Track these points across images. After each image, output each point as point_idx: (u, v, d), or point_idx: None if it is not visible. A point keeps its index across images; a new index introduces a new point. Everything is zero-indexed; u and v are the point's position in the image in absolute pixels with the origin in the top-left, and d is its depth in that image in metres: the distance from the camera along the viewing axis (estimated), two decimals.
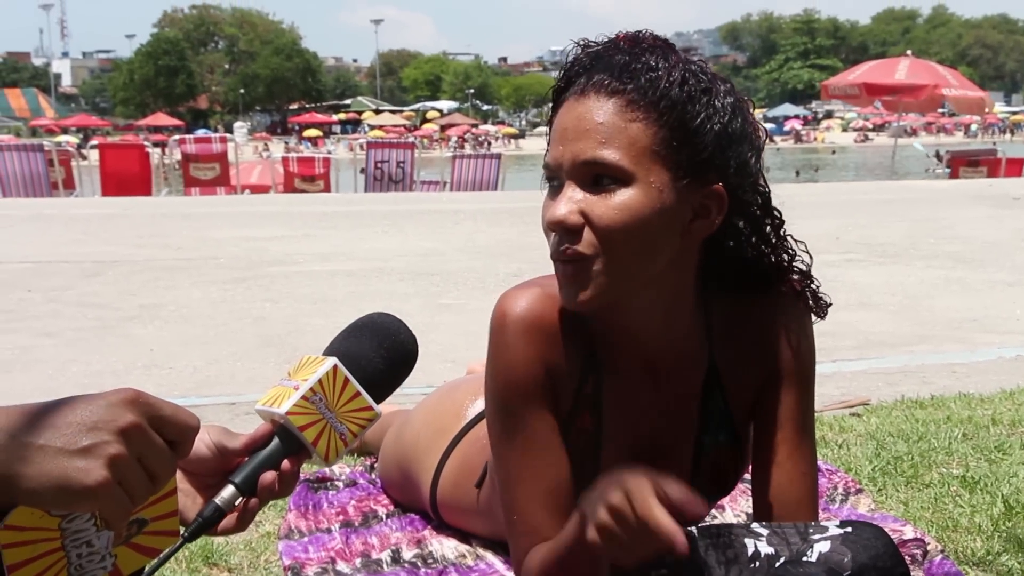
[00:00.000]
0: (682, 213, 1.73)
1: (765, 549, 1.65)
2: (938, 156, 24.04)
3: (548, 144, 1.79)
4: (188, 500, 1.42)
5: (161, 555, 1.31)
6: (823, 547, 1.64)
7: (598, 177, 1.70)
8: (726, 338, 1.90)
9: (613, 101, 1.70)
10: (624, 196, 1.69)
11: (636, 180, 1.69)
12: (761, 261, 1.87)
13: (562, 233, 1.71)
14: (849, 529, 1.67)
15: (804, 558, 1.63)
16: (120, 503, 1.10)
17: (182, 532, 1.34)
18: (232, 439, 1.43)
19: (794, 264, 1.89)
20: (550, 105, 1.85)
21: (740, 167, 1.76)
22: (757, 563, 1.64)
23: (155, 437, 1.13)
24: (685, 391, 1.91)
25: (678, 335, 1.86)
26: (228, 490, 1.37)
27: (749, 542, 1.66)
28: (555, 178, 1.74)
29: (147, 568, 1.29)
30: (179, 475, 1.43)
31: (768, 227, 1.85)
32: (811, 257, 1.90)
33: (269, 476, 1.38)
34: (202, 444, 1.44)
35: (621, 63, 1.73)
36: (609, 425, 1.92)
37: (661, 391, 1.90)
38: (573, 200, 1.70)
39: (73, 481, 1.07)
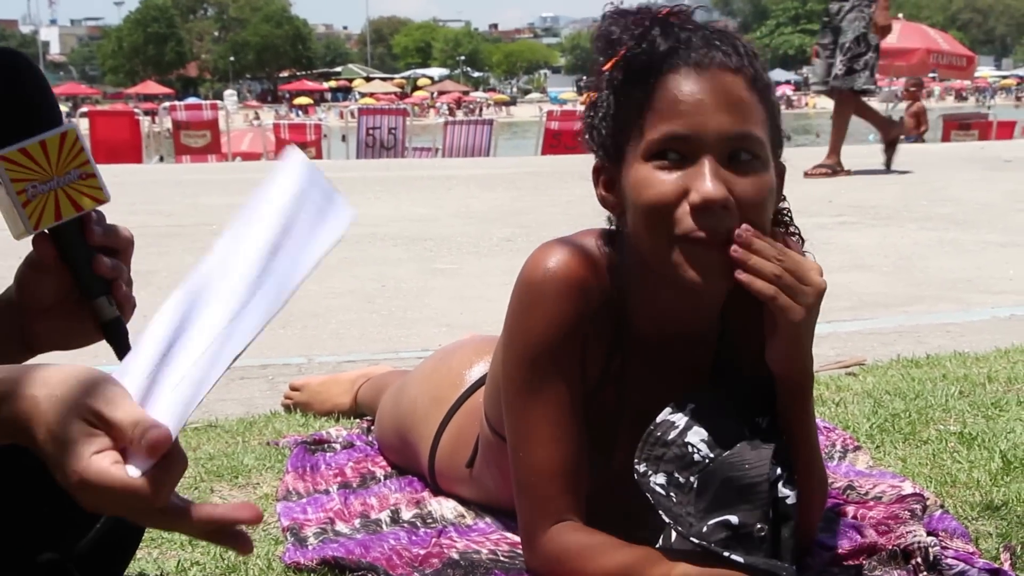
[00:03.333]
0: None
1: (658, 480, 1.66)
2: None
3: (651, 116, 1.70)
4: (77, 325, 1.45)
5: None
6: (699, 435, 1.66)
7: (736, 152, 1.67)
8: (736, 302, 1.89)
9: (740, 77, 1.69)
10: (764, 175, 1.69)
11: (767, 158, 1.70)
12: None
13: (718, 212, 1.66)
14: (692, 406, 1.70)
15: (694, 456, 1.64)
16: None
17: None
18: (37, 258, 1.45)
19: (785, 215, 1.91)
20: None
21: None
22: (672, 496, 1.65)
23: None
24: (700, 356, 1.91)
25: (704, 306, 1.86)
26: (100, 303, 1.39)
27: (654, 486, 1.67)
28: (678, 151, 1.68)
29: None
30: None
31: None
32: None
33: (104, 261, 1.42)
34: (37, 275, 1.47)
35: (710, 38, 1.72)
36: (629, 397, 1.90)
37: (677, 363, 1.90)
38: (719, 177, 1.66)
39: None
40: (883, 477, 2.30)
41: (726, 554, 1.56)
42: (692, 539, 1.60)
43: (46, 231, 1.39)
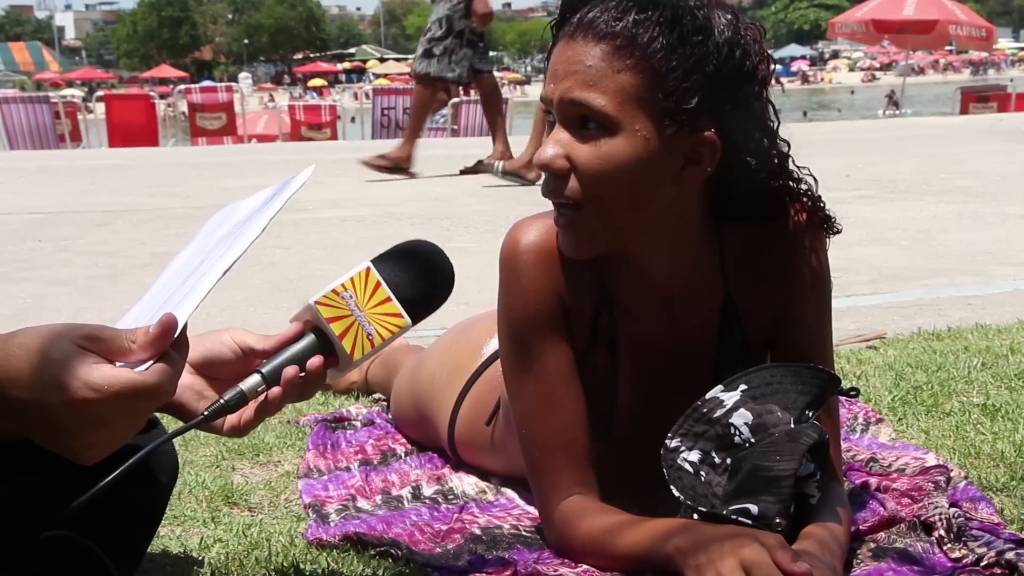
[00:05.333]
0: (671, 161, 1.70)
1: (691, 457, 1.65)
2: (890, 97, 23.89)
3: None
4: (194, 397, 1.42)
5: (179, 428, 1.34)
6: (744, 417, 1.64)
7: (584, 119, 1.68)
8: (742, 269, 1.87)
9: (601, 47, 1.67)
10: (608, 145, 1.67)
11: (621, 128, 1.67)
12: (768, 189, 1.84)
13: (549, 176, 1.71)
14: (744, 387, 1.68)
15: (735, 438, 1.63)
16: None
17: (203, 412, 1.37)
18: (260, 341, 1.44)
19: (801, 187, 1.87)
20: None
21: (737, 108, 1.72)
22: (702, 475, 1.64)
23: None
24: (701, 326, 1.89)
25: (689, 270, 1.84)
26: (253, 378, 1.40)
27: (681, 463, 1.66)
28: (550, 112, 1.74)
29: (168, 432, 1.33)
30: (193, 375, 1.44)
31: (776, 159, 1.82)
32: (816, 182, 1.88)
33: (292, 370, 1.40)
34: (224, 346, 1.45)
35: (614, 4, 1.69)
36: (625, 362, 1.90)
37: (676, 326, 1.89)
38: (560, 143, 1.70)
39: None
40: (906, 449, 2.28)
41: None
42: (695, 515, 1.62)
43: (317, 325, 1.46)
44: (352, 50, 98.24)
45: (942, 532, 1.82)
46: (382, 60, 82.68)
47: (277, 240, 6.24)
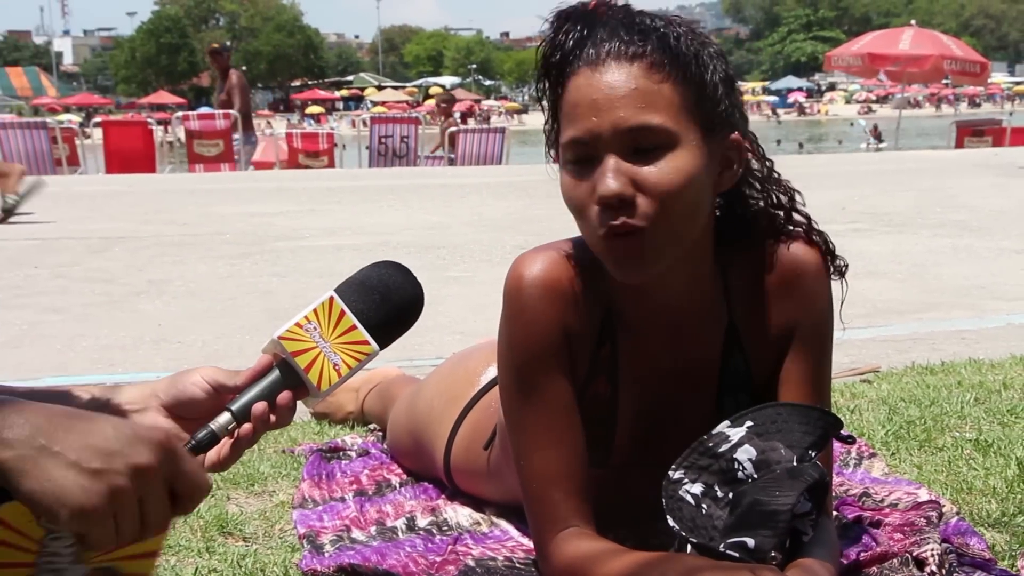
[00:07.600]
0: (713, 168, 1.73)
1: (694, 489, 1.65)
2: (875, 130, 24.10)
3: (562, 121, 1.74)
4: None
5: None
6: (748, 453, 1.64)
7: (640, 144, 1.67)
8: (745, 296, 1.89)
9: (637, 65, 1.67)
10: (674, 160, 1.67)
11: (680, 141, 1.67)
12: (766, 204, 1.87)
13: (616, 206, 1.67)
14: (750, 423, 1.67)
15: (738, 473, 1.63)
16: (106, 533, 1.10)
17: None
18: (231, 377, 1.45)
19: (796, 205, 1.89)
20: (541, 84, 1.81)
21: (742, 113, 1.79)
22: (703, 508, 1.64)
23: (161, 487, 1.13)
24: (704, 351, 1.89)
25: (696, 293, 1.85)
26: (223, 416, 1.40)
27: (683, 494, 1.66)
28: (586, 155, 1.70)
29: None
30: (166, 418, 1.46)
31: (764, 167, 1.87)
32: (803, 199, 1.90)
33: (261, 406, 1.42)
34: (195, 387, 1.47)
35: (623, 26, 1.70)
36: (625, 390, 1.90)
37: (679, 350, 1.89)
38: (621, 171, 1.67)
39: (70, 496, 1.07)
40: (899, 484, 2.29)
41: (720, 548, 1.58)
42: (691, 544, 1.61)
43: (284, 359, 1.47)
44: (350, 78, 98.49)
45: (934, 568, 1.83)
46: (380, 88, 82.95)
47: (274, 268, 6.26)
